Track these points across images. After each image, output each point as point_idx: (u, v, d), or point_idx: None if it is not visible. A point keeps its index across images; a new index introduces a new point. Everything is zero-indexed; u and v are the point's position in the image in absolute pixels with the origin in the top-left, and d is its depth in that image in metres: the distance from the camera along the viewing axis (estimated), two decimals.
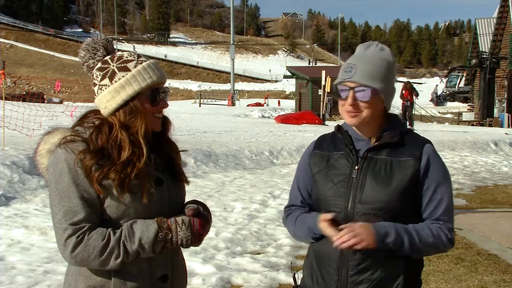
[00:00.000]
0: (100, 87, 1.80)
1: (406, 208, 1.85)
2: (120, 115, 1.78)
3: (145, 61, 1.82)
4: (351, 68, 1.87)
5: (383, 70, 1.88)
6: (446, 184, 1.89)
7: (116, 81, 1.77)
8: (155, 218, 1.74)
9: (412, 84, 20.75)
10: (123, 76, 1.77)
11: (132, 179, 1.73)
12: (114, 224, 1.73)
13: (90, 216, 1.70)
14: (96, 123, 1.79)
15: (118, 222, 1.74)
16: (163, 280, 1.83)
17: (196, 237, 1.78)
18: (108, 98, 1.78)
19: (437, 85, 60.27)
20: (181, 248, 1.90)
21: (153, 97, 1.80)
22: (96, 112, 1.84)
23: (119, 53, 1.85)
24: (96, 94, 1.82)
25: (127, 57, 1.82)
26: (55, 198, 1.71)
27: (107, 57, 1.82)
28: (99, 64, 1.82)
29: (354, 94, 1.85)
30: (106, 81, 1.79)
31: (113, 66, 1.80)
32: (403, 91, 19.08)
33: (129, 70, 1.78)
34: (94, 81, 1.82)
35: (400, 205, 1.83)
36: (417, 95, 19.86)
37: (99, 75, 1.80)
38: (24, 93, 37.37)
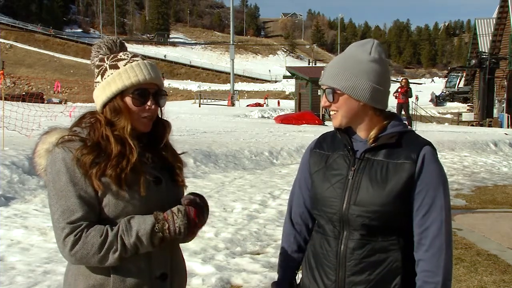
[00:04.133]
0: (95, 84, 1.85)
1: (401, 212, 1.82)
2: (106, 112, 1.81)
3: (137, 60, 1.82)
4: (324, 71, 1.92)
5: (350, 68, 1.85)
6: (439, 190, 1.82)
7: (105, 78, 1.81)
8: (152, 213, 1.75)
9: (408, 81, 20.31)
10: (111, 74, 1.80)
11: (129, 175, 1.73)
12: (112, 222, 1.74)
13: (88, 214, 1.71)
14: (92, 122, 1.82)
15: (116, 220, 1.74)
16: (162, 279, 1.83)
17: (192, 225, 1.77)
18: (97, 94, 1.83)
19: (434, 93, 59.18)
20: (180, 245, 1.90)
21: (137, 97, 1.79)
22: (93, 112, 1.86)
23: (119, 53, 1.87)
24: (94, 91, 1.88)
25: (121, 56, 1.83)
26: (53, 198, 1.72)
27: (105, 56, 1.85)
28: (98, 62, 1.86)
29: (325, 96, 1.90)
30: (99, 78, 1.83)
31: (106, 64, 1.83)
32: (399, 89, 18.68)
33: (118, 68, 1.80)
34: (94, 78, 1.87)
35: (394, 208, 1.81)
36: (411, 96, 19.28)
37: (96, 72, 1.85)
38: (24, 93, 37.31)
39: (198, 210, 1.82)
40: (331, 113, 1.91)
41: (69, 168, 1.71)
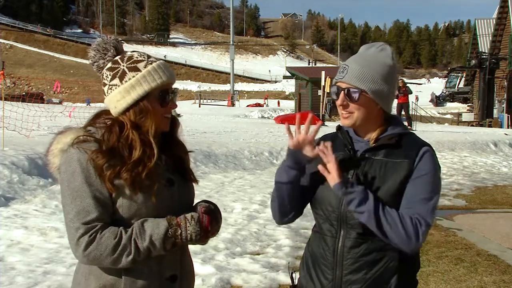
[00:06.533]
0: (110, 87, 1.81)
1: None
2: (130, 115, 1.80)
3: (155, 61, 1.83)
4: (344, 69, 1.89)
5: (376, 72, 1.86)
6: (428, 183, 1.82)
7: (126, 81, 1.79)
8: (165, 217, 1.76)
9: (404, 81, 20.65)
10: (133, 76, 1.79)
11: (144, 179, 1.74)
12: (126, 223, 1.75)
13: (103, 215, 1.72)
14: (107, 123, 1.81)
15: (130, 221, 1.76)
16: (172, 280, 1.85)
17: (204, 233, 1.80)
18: (118, 98, 1.79)
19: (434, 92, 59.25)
20: (189, 246, 1.92)
21: (162, 97, 1.82)
22: (107, 112, 1.85)
23: (129, 53, 1.86)
24: (106, 94, 1.83)
25: (137, 57, 1.83)
26: (68, 198, 1.72)
27: (117, 57, 1.84)
28: (110, 64, 1.83)
29: (344, 95, 1.87)
30: (116, 81, 1.80)
31: (123, 66, 1.81)
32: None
33: (139, 70, 1.79)
34: (104, 81, 1.84)
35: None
36: (411, 92, 19.70)
37: (110, 75, 1.82)
38: (24, 93, 37.31)
39: (212, 218, 1.84)
40: (344, 112, 1.89)
41: (84, 169, 1.71)
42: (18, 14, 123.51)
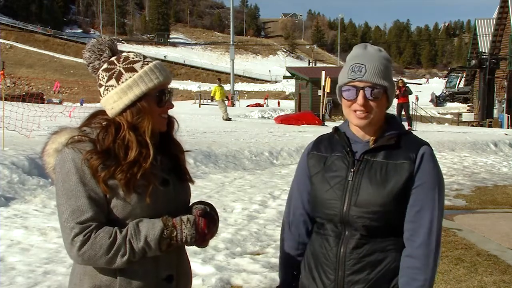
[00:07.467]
0: (107, 88, 1.80)
1: (401, 211, 1.84)
2: (127, 116, 1.78)
3: (151, 62, 1.83)
4: (360, 68, 1.85)
5: (388, 69, 1.89)
6: (434, 188, 1.83)
7: (123, 82, 1.78)
8: (161, 217, 1.75)
9: (404, 81, 20.70)
10: (130, 77, 1.78)
11: (138, 180, 1.74)
12: (121, 223, 1.74)
13: (97, 215, 1.71)
14: (103, 123, 1.80)
15: (125, 221, 1.75)
16: (168, 280, 1.84)
17: (201, 236, 1.78)
18: (115, 98, 1.78)
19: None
20: (186, 247, 1.90)
21: (159, 97, 1.81)
22: (103, 112, 1.84)
23: (124, 53, 1.85)
24: (102, 95, 1.82)
25: (133, 58, 1.82)
26: (62, 197, 1.72)
27: (113, 58, 1.82)
28: (105, 65, 1.82)
29: (365, 93, 1.84)
30: (112, 81, 1.79)
31: (119, 67, 1.80)
32: (397, 90, 18.95)
33: (136, 71, 1.79)
34: (100, 82, 1.82)
35: (395, 208, 1.82)
36: (411, 93, 19.79)
37: (106, 76, 1.80)
38: (24, 93, 37.26)
39: (209, 221, 1.82)
40: (360, 112, 1.85)
41: (79, 169, 1.71)
42: (18, 14, 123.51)
